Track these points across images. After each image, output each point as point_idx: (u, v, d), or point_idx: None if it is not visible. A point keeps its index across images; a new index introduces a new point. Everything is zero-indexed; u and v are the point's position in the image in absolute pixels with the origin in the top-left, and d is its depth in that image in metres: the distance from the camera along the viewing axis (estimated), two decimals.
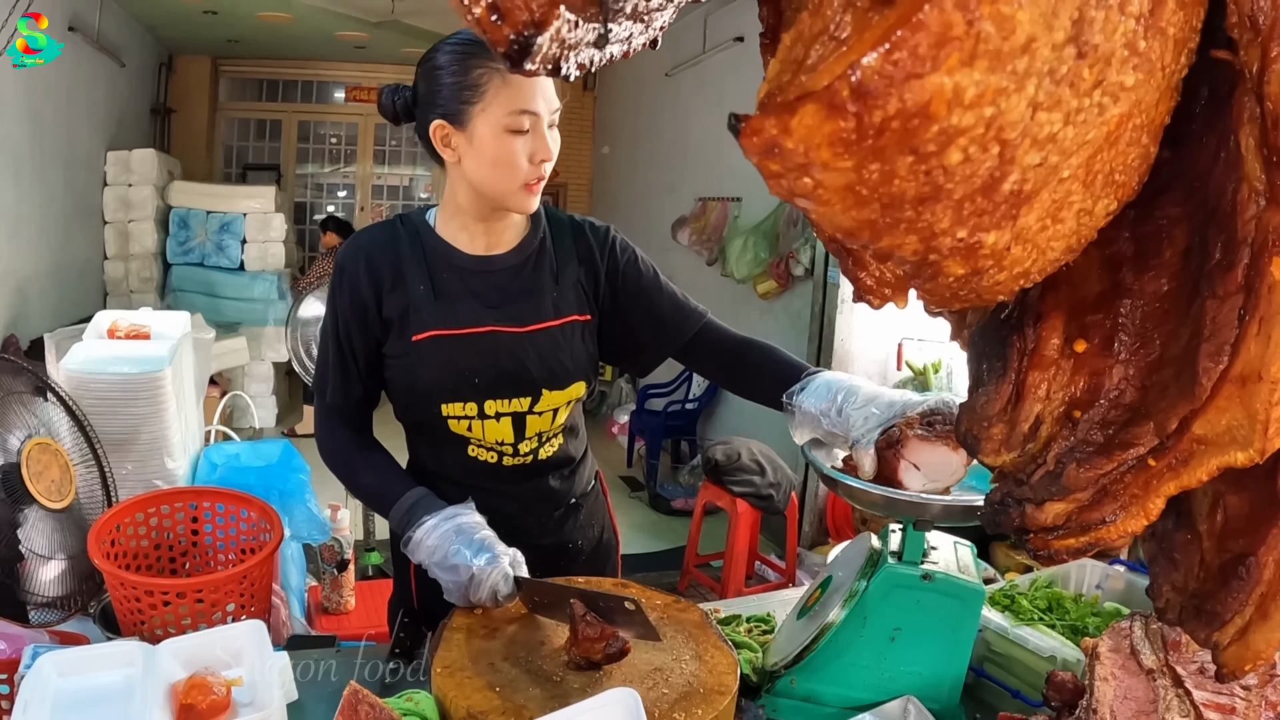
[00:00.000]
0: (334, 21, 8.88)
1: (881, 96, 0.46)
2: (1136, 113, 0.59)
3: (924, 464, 1.59)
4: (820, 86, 0.46)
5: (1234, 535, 0.79)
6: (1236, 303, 0.66)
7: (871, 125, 0.47)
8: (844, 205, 0.51)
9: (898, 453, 1.60)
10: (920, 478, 1.59)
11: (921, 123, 0.48)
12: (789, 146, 0.48)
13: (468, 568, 1.60)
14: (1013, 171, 0.52)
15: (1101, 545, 0.77)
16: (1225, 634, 0.79)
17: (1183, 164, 0.73)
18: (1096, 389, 0.77)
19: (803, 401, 1.77)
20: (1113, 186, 0.63)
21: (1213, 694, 1.36)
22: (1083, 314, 0.78)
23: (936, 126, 0.48)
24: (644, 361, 2.03)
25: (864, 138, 0.48)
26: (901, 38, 0.46)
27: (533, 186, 1.74)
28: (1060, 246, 0.63)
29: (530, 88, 1.68)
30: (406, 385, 1.85)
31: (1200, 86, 0.70)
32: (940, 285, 0.59)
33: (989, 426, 0.82)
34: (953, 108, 0.48)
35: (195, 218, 7.92)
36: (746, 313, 7.18)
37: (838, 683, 1.65)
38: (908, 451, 1.59)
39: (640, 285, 1.96)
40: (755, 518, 5.01)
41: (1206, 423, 0.68)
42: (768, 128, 0.48)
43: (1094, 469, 0.75)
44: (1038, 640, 1.76)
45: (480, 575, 1.59)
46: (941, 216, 0.53)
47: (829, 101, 0.47)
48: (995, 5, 0.46)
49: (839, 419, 1.70)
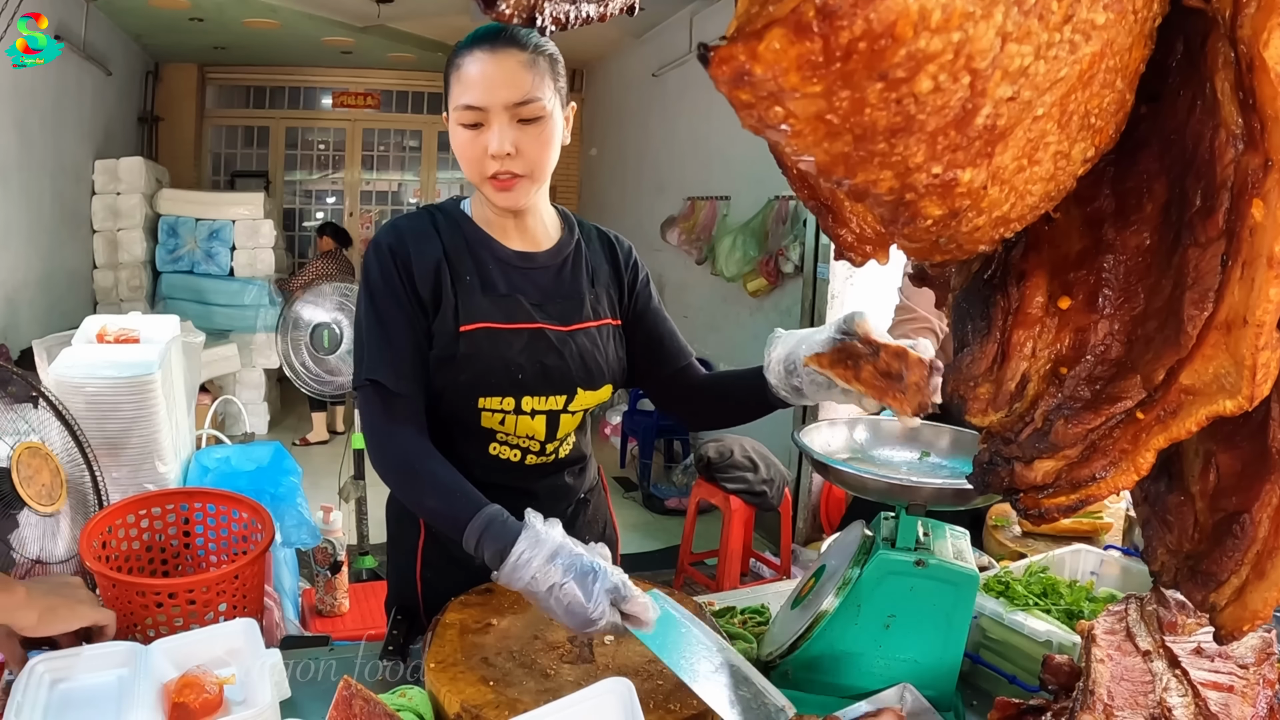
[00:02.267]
0: (320, 27, 8.89)
1: (846, 17, 0.46)
2: (1109, 54, 0.59)
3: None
4: (786, 11, 0.46)
5: (1227, 494, 0.78)
6: (1218, 249, 0.66)
7: (838, 47, 0.47)
8: (816, 136, 0.51)
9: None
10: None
11: (888, 45, 0.48)
12: (758, 73, 0.48)
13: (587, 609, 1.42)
14: (985, 104, 0.52)
15: (1092, 502, 0.76)
16: (1222, 595, 0.79)
17: (1160, 119, 0.72)
18: (1082, 345, 0.77)
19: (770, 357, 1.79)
20: (1089, 131, 0.63)
21: (1210, 673, 1.36)
22: (1066, 271, 0.77)
23: (904, 50, 0.48)
24: (631, 380, 2.03)
25: (831, 60, 0.48)
26: None
27: (498, 181, 1.72)
28: (1039, 191, 0.63)
29: (478, 82, 1.67)
30: (448, 376, 1.78)
31: (1175, 41, 0.70)
32: (919, 230, 0.58)
33: (975, 386, 0.81)
34: (919, 30, 0.48)
35: (184, 225, 7.92)
36: (737, 311, 7.20)
37: (833, 672, 1.64)
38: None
39: (650, 307, 2.00)
40: (749, 515, 5.01)
41: (1193, 372, 0.68)
42: (736, 55, 0.48)
43: (1082, 425, 0.75)
44: (1033, 625, 1.75)
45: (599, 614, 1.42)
46: (915, 150, 0.53)
47: (795, 24, 0.47)
48: None
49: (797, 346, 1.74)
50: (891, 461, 1.82)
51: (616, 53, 10.18)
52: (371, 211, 12.14)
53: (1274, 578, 0.73)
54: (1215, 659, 1.40)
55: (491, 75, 1.66)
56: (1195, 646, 1.43)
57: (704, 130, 7.81)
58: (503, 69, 1.66)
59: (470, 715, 1.40)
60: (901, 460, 1.83)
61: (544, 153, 1.74)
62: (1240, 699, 1.29)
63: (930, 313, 2.82)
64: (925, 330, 2.84)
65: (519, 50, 1.68)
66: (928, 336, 2.84)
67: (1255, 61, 0.60)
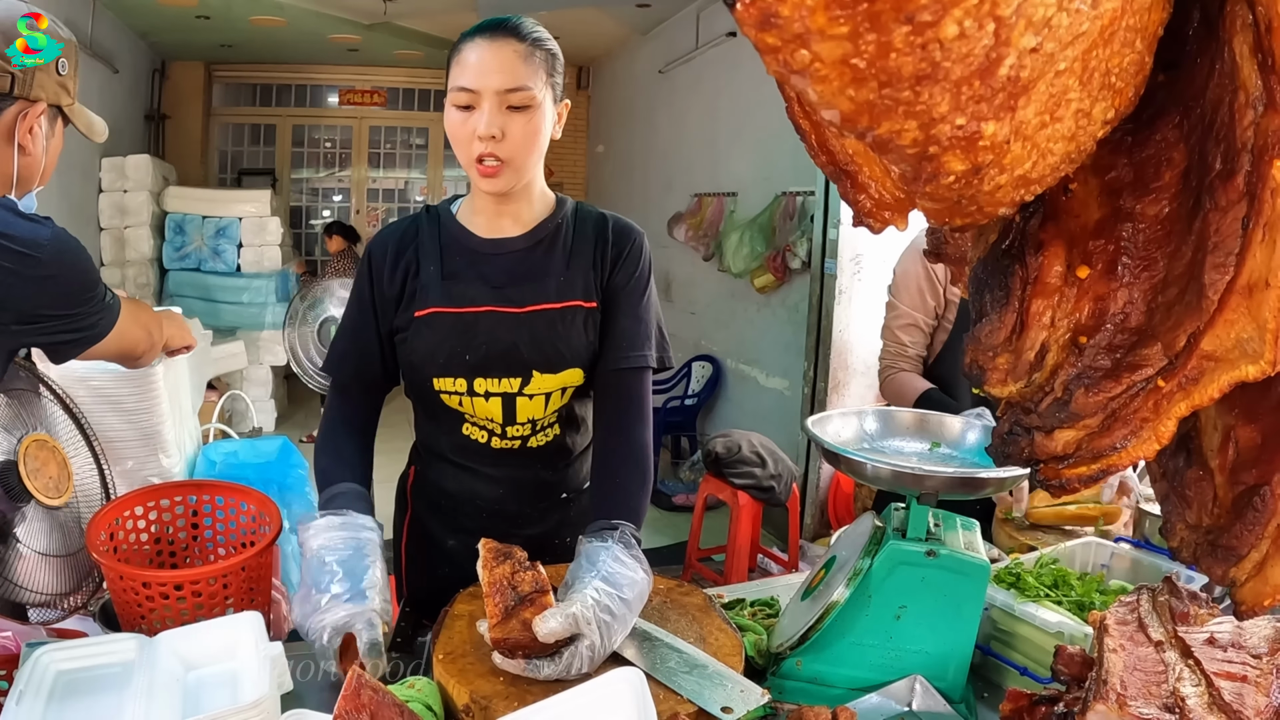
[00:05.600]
0: (326, 24, 8.90)
1: None
2: (1130, 11, 0.58)
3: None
4: None
5: (1246, 467, 0.78)
6: (1239, 211, 0.65)
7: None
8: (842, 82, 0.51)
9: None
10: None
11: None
12: (785, 14, 0.48)
13: (320, 596, 1.54)
14: (1009, 54, 0.52)
15: (1113, 472, 0.75)
16: (1242, 569, 0.78)
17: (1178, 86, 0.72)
18: (1102, 313, 0.76)
19: (580, 555, 1.68)
20: (1109, 91, 0.62)
21: (1223, 663, 1.35)
22: (1084, 241, 0.77)
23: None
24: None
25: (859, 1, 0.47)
26: None
27: (484, 166, 1.75)
28: (1060, 151, 0.62)
29: (472, 65, 1.73)
30: (406, 359, 1.91)
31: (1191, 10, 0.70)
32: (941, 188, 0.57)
33: (994, 357, 0.81)
34: None
35: (191, 223, 7.94)
36: (744, 307, 7.21)
37: (843, 663, 1.64)
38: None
39: (625, 290, 1.92)
40: (757, 510, 5.01)
41: (1215, 338, 0.67)
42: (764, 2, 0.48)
43: (1103, 393, 0.74)
44: (1045, 616, 1.75)
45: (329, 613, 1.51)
46: (940, 99, 0.52)
47: None
48: None
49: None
50: (902, 451, 1.83)
51: (623, 49, 10.19)
52: (378, 209, 12.17)
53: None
54: (1228, 649, 1.39)
55: (486, 60, 1.73)
56: (1208, 637, 1.42)
57: (711, 127, 7.80)
58: (498, 56, 1.73)
59: (480, 706, 1.40)
60: (912, 450, 1.83)
61: (529, 141, 1.77)
62: (1254, 689, 1.28)
63: (912, 307, 2.85)
64: (910, 327, 2.87)
65: (517, 41, 1.74)
66: (913, 334, 2.87)
67: (1274, 22, 0.60)
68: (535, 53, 1.75)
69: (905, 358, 2.91)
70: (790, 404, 6.39)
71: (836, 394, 5.68)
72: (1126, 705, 1.27)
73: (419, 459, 2.11)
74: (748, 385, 7.36)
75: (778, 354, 6.75)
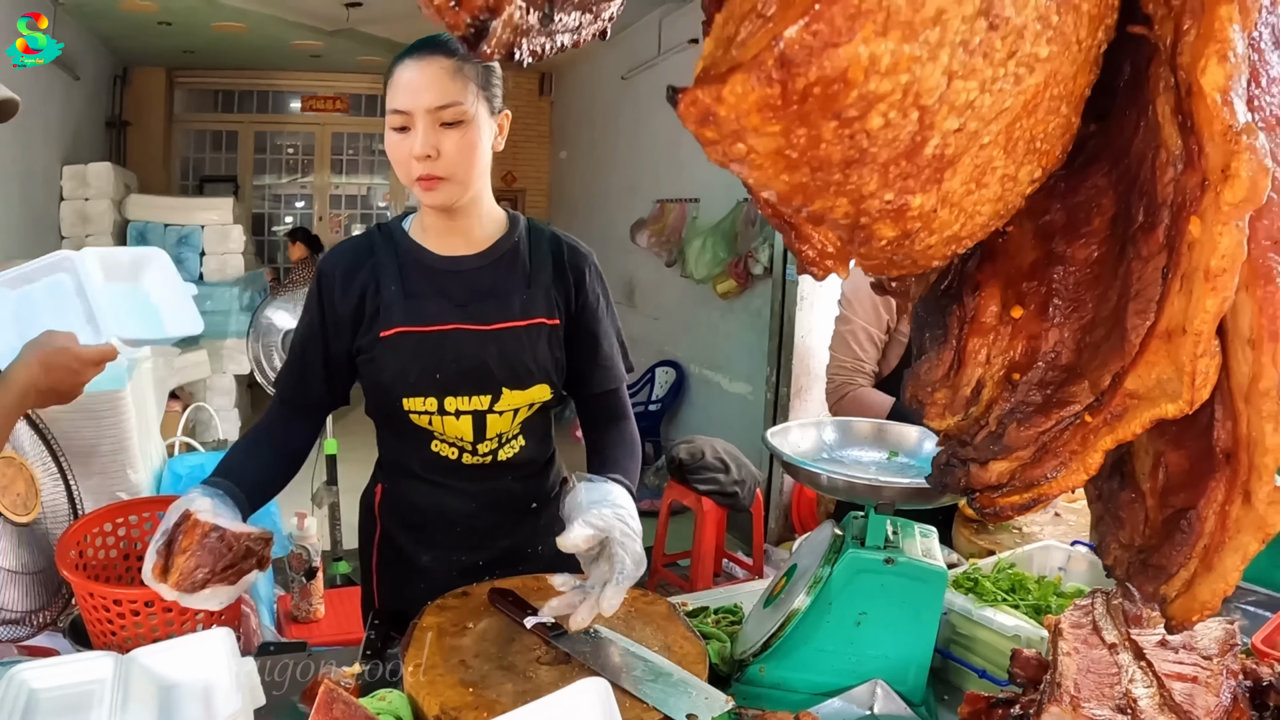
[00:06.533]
0: (289, 31, 8.86)
1: (803, 65, 0.51)
2: (1054, 83, 0.63)
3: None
4: (748, 58, 0.51)
5: (1175, 491, 0.82)
6: (1160, 261, 0.69)
7: (795, 92, 0.52)
8: (776, 169, 0.55)
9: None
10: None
11: (841, 89, 0.52)
12: (722, 114, 0.53)
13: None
14: (933, 136, 0.56)
15: (1045, 501, 0.80)
16: (1172, 587, 0.83)
17: (1108, 137, 0.76)
18: (1034, 352, 0.81)
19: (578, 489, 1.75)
20: (1035, 154, 0.66)
21: (1174, 664, 1.39)
22: (1018, 282, 0.81)
23: (855, 92, 0.52)
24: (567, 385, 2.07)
25: (789, 104, 0.52)
26: (818, 12, 0.51)
27: (423, 181, 1.78)
28: (987, 211, 0.67)
29: (403, 86, 1.76)
30: (373, 379, 1.91)
31: (1122, 63, 0.74)
32: (875, 249, 0.63)
33: (933, 392, 0.85)
34: (869, 74, 0.52)
35: (153, 231, 7.84)
36: (707, 313, 7.24)
37: (806, 669, 1.67)
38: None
39: (594, 316, 1.99)
40: (721, 515, 5.04)
41: (1137, 378, 0.72)
42: (702, 98, 0.53)
43: (1034, 427, 0.79)
44: (1002, 620, 1.78)
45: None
46: (868, 179, 0.57)
47: (756, 71, 0.51)
48: None
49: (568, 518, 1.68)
50: (860, 461, 1.86)
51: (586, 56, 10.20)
52: (341, 215, 12.10)
53: (1221, 570, 0.78)
54: (1180, 650, 1.43)
55: (415, 80, 1.75)
56: (1160, 639, 1.45)
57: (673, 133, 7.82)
58: (426, 75, 1.74)
59: (449, 717, 1.42)
60: (870, 460, 1.86)
61: (465, 156, 1.79)
62: (1204, 689, 1.31)
63: (867, 320, 2.86)
64: (865, 341, 2.88)
65: (444, 57, 1.75)
66: (867, 348, 2.88)
67: (1193, 87, 0.64)
68: (464, 67, 1.76)
69: (861, 373, 2.90)
70: (753, 409, 6.42)
71: (799, 399, 5.72)
72: (1080, 707, 1.31)
73: (386, 476, 2.10)
74: (711, 391, 7.39)
75: (741, 359, 6.78)
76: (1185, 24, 0.64)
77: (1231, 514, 0.77)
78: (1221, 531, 0.77)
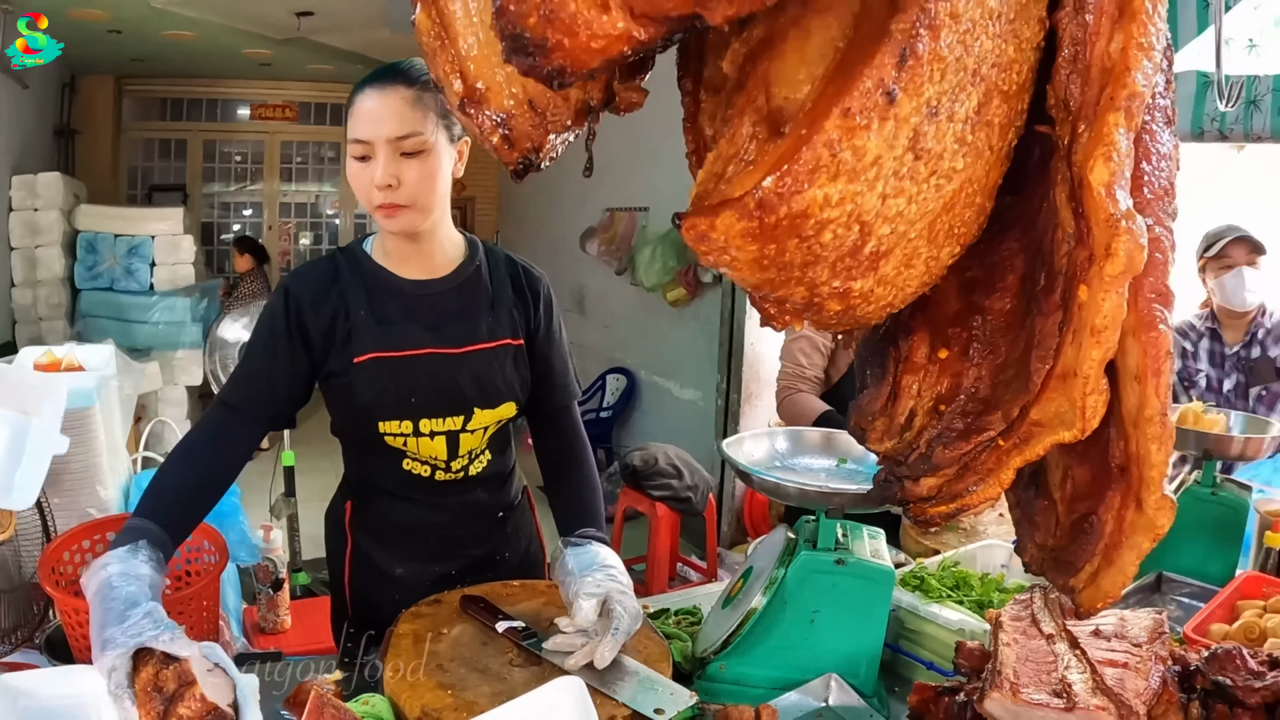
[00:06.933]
0: (239, 39, 8.81)
1: (775, 206, 0.67)
2: (969, 185, 0.77)
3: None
4: (734, 197, 0.67)
5: (1080, 499, 0.96)
6: (1057, 318, 0.83)
7: (769, 224, 0.68)
8: (751, 271, 0.72)
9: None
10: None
11: (802, 219, 0.68)
12: (713, 236, 0.71)
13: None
14: (870, 240, 0.71)
15: (967, 510, 0.94)
16: (1080, 579, 0.96)
17: (1020, 208, 0.90)
18: (957, 387, 0.94)
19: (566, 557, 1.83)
20: (954, 237, 0.81)
21: (1106, 652, 1.49)
22: (944, 328, 0.94)
23: (813, 220, 0.68)
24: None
25: (764, 231, 0.68)
26: (787, 169, 0.67)
27: (384, 209, 1.80)
28: (915, 284, 0.81)
29: (363, 116, 1.78)
30: (346, 403, 1.93)
31: (1033, 146, 0.87)
32: (824, 318, 0.78)
33: (873, 420, 0.98)
34: (824, 208, 0.68)
35: (103, 241, 7.74)
36: (657, 321, 7.24)
37: (764, 665, 1.76)
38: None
39: (550, 336, 2.06)
40: (675, 520, 5.08)
41: (1040, 410, 0.85)
42: (700, 225, 0.71)
43: (957, 450, 0.92)
44: (947, 615, 1.88)
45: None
46: (821, 274, 0.72)
47: (739, 209, 0.68)
48: (851, 140, 0.67)
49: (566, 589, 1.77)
50: (811, 468, 1.94)
51: None
52: (290, 223, 12.02)
53: (1120, 565, 0.92)
54: (1112, 639, 1.53)
55: (376, 110, 1.76)
56: (1094, 629, 1.56)
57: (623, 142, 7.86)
58: (387, 105, 1.76)
59: (431, 718, 1.48)
60: (820, 467, 1.95)
61: (426, 184, 1.81)
62: (1134, 674, 1.41)
63: (814, 331, 2.96)
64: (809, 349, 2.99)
65: (405, 87, 1.77)
66: (811, 355, 2.99)
67: (1084, 181, 0.78)
68: (424, 96, 1.78)
69: (804, 379, 3.00)
70: (704, 415, 6.48)
71: (749, 405, 5.79)
72: (1019, 692, 1.40)
73: (355, 493, 2.11)
74: (662, 397, 7.40)
75: (691, 366, 6.80)
76: (1080, 127, 0.78)
77: (1127, 518, 0.90)
78: (1119, 533, 0.91)
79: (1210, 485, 2.42)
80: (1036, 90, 0.83)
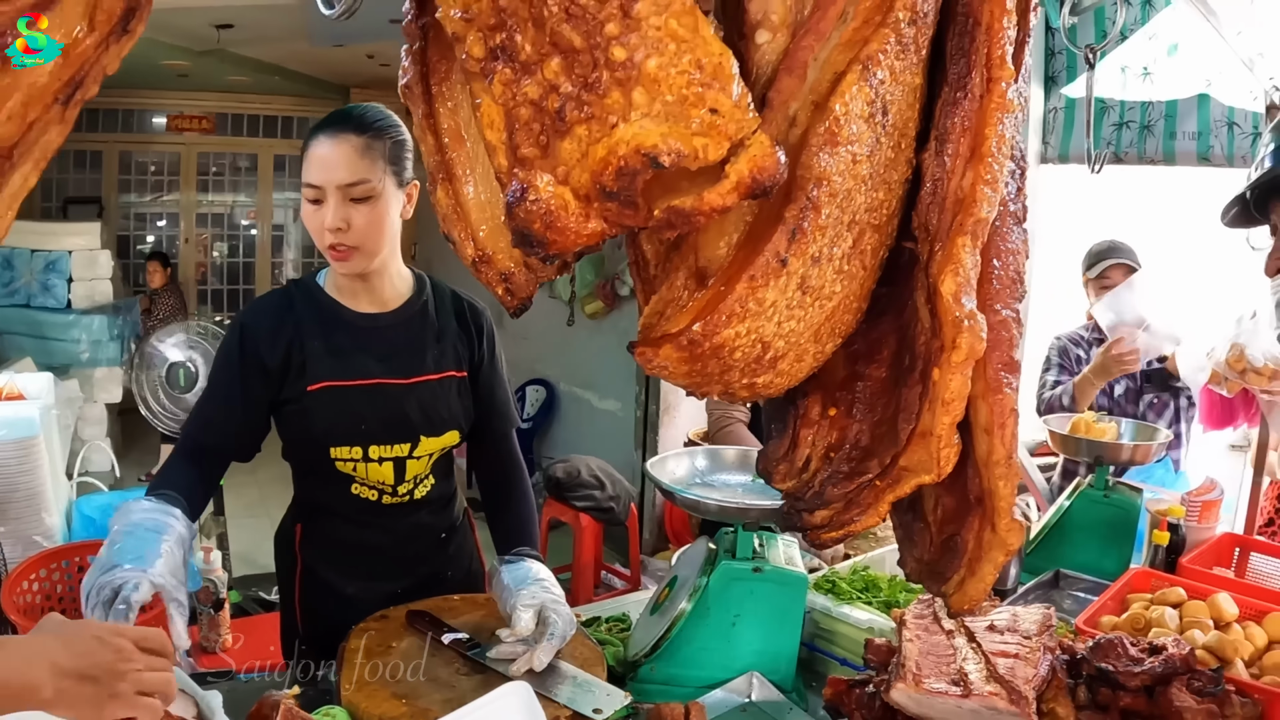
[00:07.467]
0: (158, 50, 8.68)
1: (701, 342, 0.91)
2: (846, 299, 1.00)
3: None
4: (672, 333, 0.91)
5: (948, 522, 1.18)
6: (918, 390, 1.05)
7: (696, 353, 0.91)
8: (682, 379, 0.96)
9: None
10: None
11: (720, 348, 0.92)
12: (657, 361, 0.93)
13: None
14: (770, 352, 0.95)
15: (853, 534, 1.17)
16: (950, 586, 1.18)
17: (893, 298, 1.11)
18: (843, 439, 1.15)
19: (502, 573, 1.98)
20: (835, 335, 1.04)
21: (1000, 644, 1.67)
22: (834, 391, 1.15)
23: (728, 347, 0.91)
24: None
25: (693, 357, 0.92)
26: (710, 318, 0.91)
27: (335, 251, 1.90)
28: (805, 370, 1.05)
29: (316, 162, 1.87)
30: (300, 429, 2.02)
31: (905, 250, 1.09)
32: (737, 399, 1.00)
33: (777, 465, 1.20)
34: (736, 339, 0.91)
35: (19, 257, 7.54)
36: (576, 332, 7.27)
37: (690, 665, 1.89)
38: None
39: (491, 367, 2.19)
40: (598, 530, 5.20)
41: (907, 459, 1.07)
42: (647, 353, 0.94)
43: (843, 489, 1.13)
44: (857, 615, 2.03)
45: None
46: (734, 376, 0.96)
47: (676, 343, 0.92)
48: (755, 294, 0.89)
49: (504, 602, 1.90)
50: (729, 484, 2.08)
51: None
52: (206, 234, 11.85)
53: (980, 575, 1.14)
54: (1005, 633, 1.71)
55: (327, 157, 1.85)
56: (989, 624, 1.73)
57: None
58: (338, 152, 1.85)
59: None
60: (737, 482, 2.09)
61: (374, 229, 1.91)
62: (1024, 663, 1.59)
63: None
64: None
65: (355, 135, 1.87)
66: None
67: (937, 289, 0.99)
68: (374, 144, 1.86)
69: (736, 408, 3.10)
70: (624, 425, 6.53)
71: (668, 416, 5.87)
72: (921, 682, 1.57)
73: (305, 515, 2.18)
74: (582, 408, 7.41)
75: (610, 378, 6.82)
76: (935, 246, 1.00)
77: (984, 538, 1.12)
78: (979, 549, 1.13)
79: (1103, 489, 2.60)
80: (905, 210, 1.05)
